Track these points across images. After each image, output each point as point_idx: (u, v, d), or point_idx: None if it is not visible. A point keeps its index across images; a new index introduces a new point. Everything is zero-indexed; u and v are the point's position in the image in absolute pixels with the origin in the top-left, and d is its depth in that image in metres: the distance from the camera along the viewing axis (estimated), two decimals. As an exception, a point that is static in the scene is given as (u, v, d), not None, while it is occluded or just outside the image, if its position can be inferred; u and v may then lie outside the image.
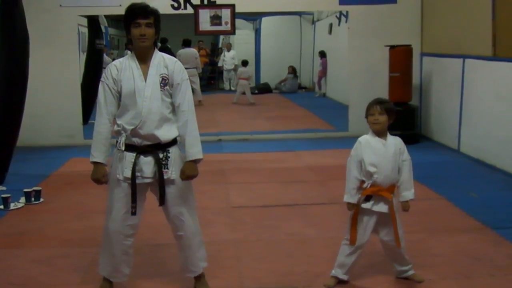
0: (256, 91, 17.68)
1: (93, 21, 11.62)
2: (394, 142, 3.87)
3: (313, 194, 6.31)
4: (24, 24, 6.72)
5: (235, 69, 18.17)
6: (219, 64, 20.00)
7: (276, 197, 6.26)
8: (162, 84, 3.62)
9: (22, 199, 6.07)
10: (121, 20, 3.72)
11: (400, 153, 3.86)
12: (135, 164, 3.61)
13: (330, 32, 16.83)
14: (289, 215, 5.63)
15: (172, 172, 3.66)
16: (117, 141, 3.68)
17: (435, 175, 7.11)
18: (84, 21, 11.82)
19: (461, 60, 8.29)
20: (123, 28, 3.70)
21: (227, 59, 19.17)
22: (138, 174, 3.63)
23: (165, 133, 3.64)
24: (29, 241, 4.99)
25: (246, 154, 8.70)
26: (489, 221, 5.22)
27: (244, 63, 16.49)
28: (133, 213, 3.66)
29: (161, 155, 3.64)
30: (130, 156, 3.62)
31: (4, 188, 6.48)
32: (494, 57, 7.49)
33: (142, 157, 3.63)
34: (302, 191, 6.50)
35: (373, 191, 3.78)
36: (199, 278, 3.91)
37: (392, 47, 9.29)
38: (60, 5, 9.25)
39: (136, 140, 3.62)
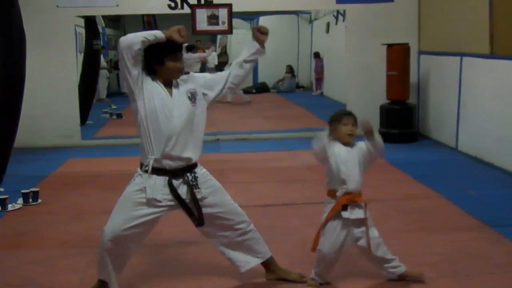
0: (254, 91, 17.68)
1: (90, 22, 11.62)
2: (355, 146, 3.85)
3: (311, 193, 6.29)
4: (21, 25, 6.69)
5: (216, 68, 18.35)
6: None
7: (274, 196, 6.26)
8: (192, 99, 3.64)
9: (20, 200, 6.06)
10: (117, 20, 3.71)
11: (360, 150, 3.83)
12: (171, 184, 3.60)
13: (327, 31, 16.83)
14: (288, 214, 5.63)
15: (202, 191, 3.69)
16: (141, 164, 3.64)
17: (433, 173, 7.12)
18: (81, 22, 11.83)
19: (458, 58, 8.29)
20: (120, 29, 3.68)
21: (209, 59, 19.35)
22: (164, 197, 3.60)
23: (194, 154, 3.66)
24: (27, 242, 4.98)
25: (244, 154, 8.70)
26: (488, 219, 5.22)
27: None
28: (200, 224, 3.71)
29: (190, 176, 3.64)
30: (161, 179, 3.59)
31: (1, 189, 6.46)
32: (492, 55, 7.50)
33: (173, 180, 3.61)
34: (301, 190, 6.50)
35: (349, 199, 3.75)
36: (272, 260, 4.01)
37: (389, 46, 9.29)
38: (57, 6, 9.23)
39: (166, 163, 3.59)
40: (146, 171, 3.57)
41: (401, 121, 9.10)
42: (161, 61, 3.57)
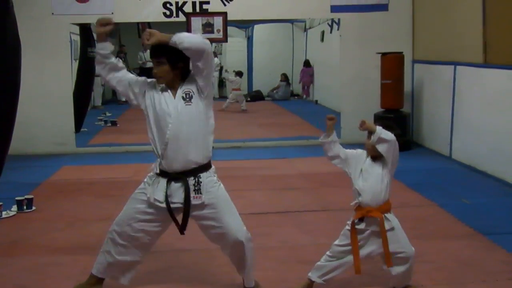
0: (249, 99, 17.73)
1: (85, 29, 11.61)
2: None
3: (305, 201, 6.31)
4: (16, 32, 6.70)
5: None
6: None
7: (268, 204, 6.27)
8: (187, 99, 3.62)
9: (14, 208, 6.05)
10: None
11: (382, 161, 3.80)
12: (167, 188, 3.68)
13: (322, 39, 16.89)
14: (282, 222, 5.64)
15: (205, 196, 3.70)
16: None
17: (427, 181, 7.14)
18: (76, 29, 11.81)
19: (452, 67, 8.33)
20: (115, 36, 3.74)
21: None
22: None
23: (198, 156, 3.67)
24: (21, 249, 4.97)
25: (238, 162, 8.70)
26: (481, 227, 5.24)
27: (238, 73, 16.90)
28: (182, 233, 3.78)
29: (192, 181, 3.65)
30: (164, 181, 3.67)
31: (-5, 197, 6.46)
32: (485, 64, 7.53)
33: (173, 182, 3.67)
34: (295, 198, 6.51)
35: (363, 214, 3.72)
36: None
37: (383, 55, 9.34)
38: (52, 13, 9.25)
39: (167, 165, 3.65)
40: (156, 173, 3.71)
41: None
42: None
